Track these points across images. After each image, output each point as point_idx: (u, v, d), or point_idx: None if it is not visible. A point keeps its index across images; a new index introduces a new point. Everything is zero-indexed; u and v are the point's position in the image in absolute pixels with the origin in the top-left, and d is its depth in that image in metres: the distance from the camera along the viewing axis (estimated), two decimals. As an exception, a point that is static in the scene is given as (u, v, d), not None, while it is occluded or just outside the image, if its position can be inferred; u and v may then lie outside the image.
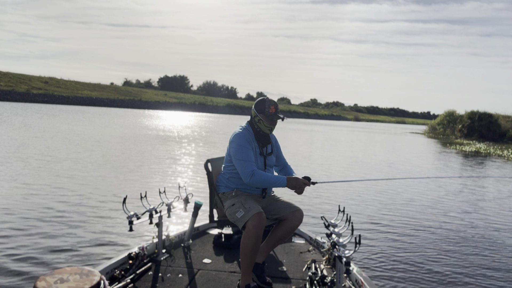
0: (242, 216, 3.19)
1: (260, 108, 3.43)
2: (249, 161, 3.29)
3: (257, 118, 3.44)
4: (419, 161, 18.01)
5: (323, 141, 27.99)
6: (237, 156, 3.31)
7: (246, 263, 3.21)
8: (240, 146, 3.32)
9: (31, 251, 4.71)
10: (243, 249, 3.17)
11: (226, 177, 3.53)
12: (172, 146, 17.11)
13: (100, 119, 32.57)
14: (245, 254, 3.17)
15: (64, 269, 2.42)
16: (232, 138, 3.42)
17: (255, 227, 3.10)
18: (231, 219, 3.34)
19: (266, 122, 3.43)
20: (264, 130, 3.48)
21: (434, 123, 55.21)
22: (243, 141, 3.35)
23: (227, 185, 3.51)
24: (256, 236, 3.11)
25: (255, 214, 3.14)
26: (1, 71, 63.87)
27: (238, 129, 3.50)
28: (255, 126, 3.50)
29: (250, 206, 3.22)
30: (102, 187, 8.24)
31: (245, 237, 3.15)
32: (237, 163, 3.31)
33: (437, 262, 5.25)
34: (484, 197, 10.11)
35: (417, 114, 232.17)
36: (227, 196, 3.49)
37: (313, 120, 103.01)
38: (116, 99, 70.69)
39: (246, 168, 3.25)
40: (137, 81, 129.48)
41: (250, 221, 3.12)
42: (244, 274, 3.25)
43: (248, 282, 3.25)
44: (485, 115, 43.46)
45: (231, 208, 3.35)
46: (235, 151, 3.33)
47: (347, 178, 11.51)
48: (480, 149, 28.44)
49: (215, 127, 35.00)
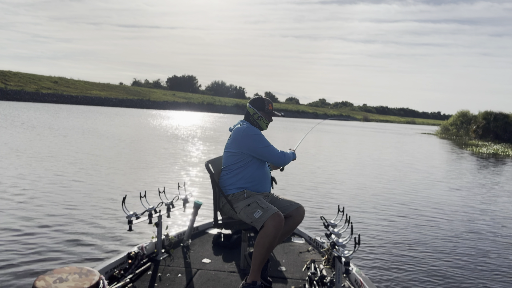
0: (261, 216, 3.22)
1: (260, 106, 3.63)
2: (272, 145, 3.52)
3: (257, 115, 3.63)
4: (435, 163, 17.88)
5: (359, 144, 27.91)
6: (262, 144, 3.46)
7: (259, 262, 3.22)
8: (259, 136, 3.49)
9: (30, 250, 4.74)
10: (259, 248, 3.18)
11: (234, 177, 3.51)
12: (173, 146, 17.17)
13: (104, 118, 32.74)
14: (260, 253, 3.18)
15: (63, 268, 2.42)
16: (245, 132, 3.48)
17: (275, 227, 3.14)
18: (248, 220, 3.32)
19: (265, 119, 3.65)
20: (262, 127, 3.68)
21: (446, 123, 54.13)
22: (257, 130, 3.54)
23: (236, 185, 3.49)
24: (274, 236, 3.15)
25: (275, 214, 3.18)
26: (12, 71, 64.43)
27: (243, 124, 3.57)
28: (253, 123, 3.64)
29: (267, 206, 3.28)
30: (101, 186, 8.28)
31: (263, 237, 3.17)
32: (264, 150, 3.47)
33: (437, 262, 5.21)
34: (489, 198, 10.01)
35: (427, 114, 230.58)
36: (238, 197, 3.46)
37: (322, 120, 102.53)
38: (125, 99, 71.03)
39: (275, 151, 3.51)
40: (146, 81, 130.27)
41: (270, 221, 3.15)
42: (254, 272, 3.26)
43: (257, 279, 3.26)
44: (501, 115, 42.27)
45: (246, 209, 3.34)
46: (257, 141, 3.46)
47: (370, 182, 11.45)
48: (498, 151, 27.79)
49: (222, 127, 35.04)
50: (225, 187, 3.54)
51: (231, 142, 3.55)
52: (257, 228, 3.25)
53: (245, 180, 3.48)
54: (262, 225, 3.20)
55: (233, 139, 3.52)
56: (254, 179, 3.51)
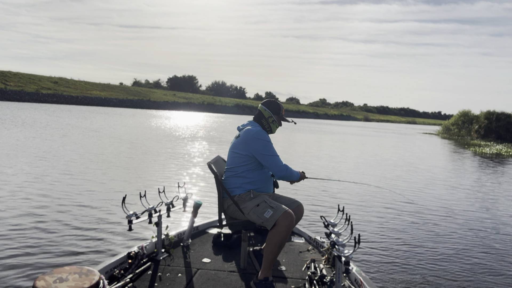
0: (272, 215, 3.25)
1: (276, 110, 3.68)
2: (278, 155, 3.50)
3: (271, 119, 3.66)
4: (438, 163, 17.87)
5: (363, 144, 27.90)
6: (269, 152, 3.45)
7: (271, 259, 3.29)
8: (268, 142, 3.48)
9: (30, 250, 4.74)
10: (271, 246, 3.24)
11: (240, 179, 3.51)
12: (173, 146, 17.16)
13: (104, 118, 32.73)
14: (272, 251, 3.25)
15: (63, 268, 2.41)
16: (256, 135, 3.46)
17: (287, 226, 3.21)
18: (258, 220, 3.34)
19: (278, 123, 3.71)
20: (273, 130, 3.71)
21: (448, 123, 53.89)
22: (268, 137, 3.52)
23: (243, 187, 3.49)
24: (286, 234, 3.23)
25: (286, 213, 3.24)
26: (12, 71, 64.36)
27: (252, 127, 3.56)
28: (265, 126, 3.65)
29: (276, 205, 3.33)
30: (101, 186, 8.28)
31: (275, 235, 3.22)
32: (268, 158, 3.45)
33: (437, 261, 5.20)
34: (491, 198, 10.00)
35: (427, 114, 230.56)
36: (245, 197, 3.47)
37: (323, 120, 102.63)
38: (125, 99, 70.94)
39: (279, 162, 3.47)
40: (146, 81, 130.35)
41: (282, 220, 3.20)
42: (266, 268, 3.32)
43: (268, 275, 3.32)
44: (503, 115, 41.92)
45: (256, 209, 3.36)
46: (265, 147, 3.45)
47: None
48: (501, 151, 27.64)
49: (222, 127, 35.02)
50: (230, 188, 3.53)
51: (239, 143, 3.53)
52: (268, 228, 3.29)
53: (251, 182, 3.50)
54: (274, 224, 3.24)
55: (243, 140, 3.50)
56: (260, 181, 3.55)
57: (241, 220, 3.54)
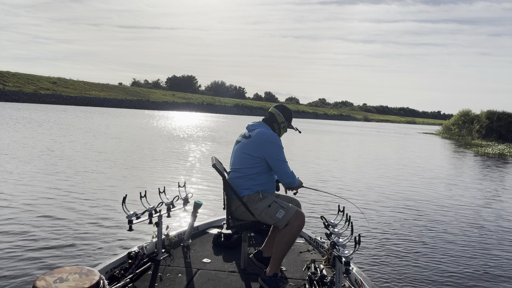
0: (284, 215, 3.31)
1: (289, 117, 3.78)
2: (287, 162, 3.55)
3: (283, 124, 3.73)
4: (440, 163, 17.88)
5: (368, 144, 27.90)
6: (281, 158, 3.48)
7: (281, 256, 3.38)
8: (281, 147, 3.52)
9: (31, 250, 4.74)
10: (282, 244, 3.32)
11: (250, 181, 3.49)
12: (173, 146, 17.16)
13: (104, 118, 32.72)
14: (282, 249, 3.33)
15: (64, 268, 2.41)
16: (270, 139, 3.46)
17: (299, 226, 3.30)
18: (271, 221, 3.36)
19: (287, 129, 3.80)
20: (281, 135, 3.73)
21: (448, 123, 53.67)
22: (280, 141, 3.56)
23: (251, 187, 3.48)
24: (298, 233, 3.32)
25: (298, 213, 3.31)
26: (10, 72, 64.24)
27: (265, 129, 3.57)
28: (276, 129, 3.70)
29: (286, 205, 3.39)
30: (101, 186, 8.28)
31: (287, 234, 3.29)
32: (279, 164, 3.47)
33: (438, 262, 5.20)
34: (493, 198, 10.01)
35: (427, 114, 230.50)
36: (254, 198, 3.46)
37: (322, 120, 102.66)
38: (124, 100, 70.88)
39: (288, 168, 3.52)
40: (145, 81, 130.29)
41: (294, 220, 3.28)
42: (275, 265, 3.40)
43: (277, 271, 3.40)
44: (504, 115, 41.50)
45: (268, 210, 3.37)
46: (279, 152, 3.48)
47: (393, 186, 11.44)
48: (503, 150, 27.56)
49: (221, 127, 35.01)
50: (238, 189, 3.50)
51: (251, 144, 3.48)
52: (280, 228, 3.34)
53: (260, 184, 3.51)
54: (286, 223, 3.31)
55: (255, 142, 3.46)
56: (267, 184, 3.57)
57: (248, 221, 3.51)
